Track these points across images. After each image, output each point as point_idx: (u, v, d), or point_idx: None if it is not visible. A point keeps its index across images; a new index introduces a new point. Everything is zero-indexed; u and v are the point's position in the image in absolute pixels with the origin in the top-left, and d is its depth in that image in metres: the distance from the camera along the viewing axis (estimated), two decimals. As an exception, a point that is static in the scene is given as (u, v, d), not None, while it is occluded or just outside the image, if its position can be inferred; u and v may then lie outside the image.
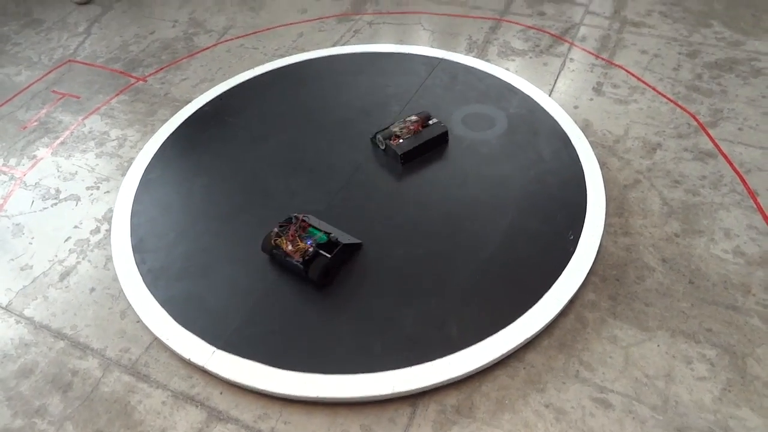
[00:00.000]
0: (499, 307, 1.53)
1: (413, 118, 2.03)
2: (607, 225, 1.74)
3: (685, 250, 1.66)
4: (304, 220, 1.64)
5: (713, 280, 1.58)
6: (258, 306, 1.59)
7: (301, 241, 1.59)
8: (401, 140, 1.96)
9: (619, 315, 1.52)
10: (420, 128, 2.00)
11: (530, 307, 1.52)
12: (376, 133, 2.01)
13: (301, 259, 1.56)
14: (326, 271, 1.58)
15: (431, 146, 1.99)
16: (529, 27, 2.68)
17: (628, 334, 1.48)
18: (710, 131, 2.03)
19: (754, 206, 1.76)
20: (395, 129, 1.99)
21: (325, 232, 1.63)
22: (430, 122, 2.03)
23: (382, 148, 2.00)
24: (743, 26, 2.54)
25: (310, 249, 1.57)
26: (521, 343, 1.45)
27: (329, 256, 1.57)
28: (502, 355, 1.43)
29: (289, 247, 1.59)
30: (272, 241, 1.63)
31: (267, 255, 1.67)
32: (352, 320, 1.54)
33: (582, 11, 2.75)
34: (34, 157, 2.18)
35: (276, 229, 1.64)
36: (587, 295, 1.57)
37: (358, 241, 1.68)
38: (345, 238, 1.63)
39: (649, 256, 1.65)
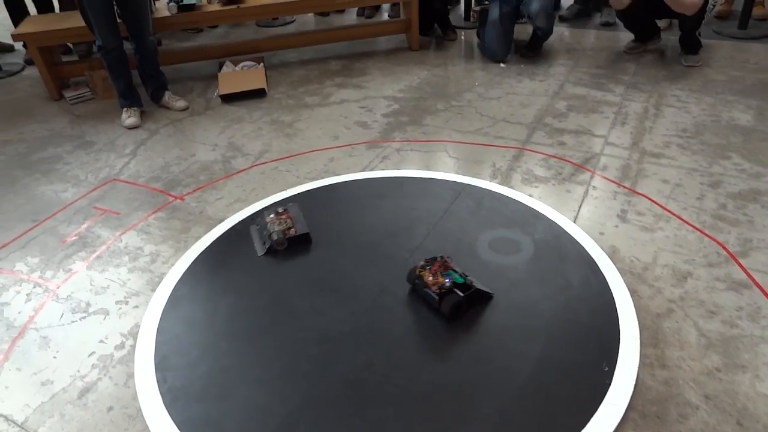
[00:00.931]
0: (533, 443, 1.44)
1: (273, 216, 2.29)
2: (643, 356, 1.67)
3: (728, 387, 1.57)
4: (446, 261, 1.85)
5: (764, 422, 1.47)
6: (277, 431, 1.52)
7: (441, 277, 1.79)
8: (293, 228, 2.23)
9: (664, 458, 1.41)
10: (290, 215, 2.29)
11: (566, 445, 1.42)
12: (271, 240, 2.18)
13: (438, 291, 1.76)
14: (457, 308, 1.75)
15: None
16: (551, 156, 2.79)
17: (675, 481, 1.36)
18: (741, 261, 2.01)
19: (797, 341, 1.69)
20: (281, 228, 2.22)
21: (462, 275, 1.81)
22: (282, 209, 2.34)
23: (285, 247, 2.20)
24: (762, 159, 2.61)
25: (447, 284, 1.77)
26: (558, 487, 1.35)
27: (462, 294, 1.75)
28: (538, 500, 1.32)
29: (430, 278, 1.80)
30: (417, 271, 1.86)
31: (410, 285, 1.93)
32: (376, 453, 1.45)
33: (601, 142, 2.87)
34: (70, 270, 2.24)
35: (422, 262, 1.86)
36: (627, 433, 1.47)
37: (491, 292, 1.85)
38: (479, 284, 1.82)
39: (690, 392, 1.56)
